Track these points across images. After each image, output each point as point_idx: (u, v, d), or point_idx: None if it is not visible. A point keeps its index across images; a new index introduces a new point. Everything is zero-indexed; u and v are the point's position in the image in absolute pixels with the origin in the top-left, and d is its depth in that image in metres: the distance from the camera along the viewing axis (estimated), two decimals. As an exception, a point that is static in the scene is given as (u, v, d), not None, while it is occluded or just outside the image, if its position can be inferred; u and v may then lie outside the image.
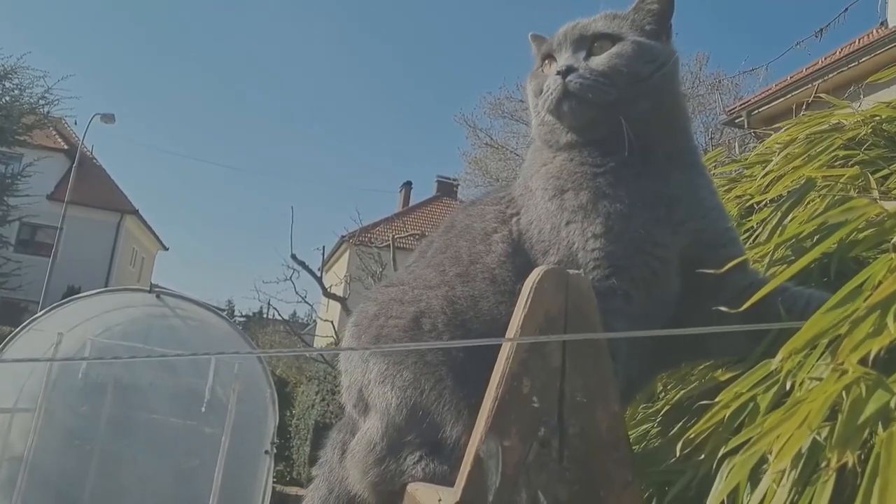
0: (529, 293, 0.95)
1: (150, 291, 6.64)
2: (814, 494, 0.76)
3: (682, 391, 1.33)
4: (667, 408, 1.31)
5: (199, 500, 5.89)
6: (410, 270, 1.34)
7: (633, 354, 1.11)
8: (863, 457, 0.76)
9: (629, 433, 1.20)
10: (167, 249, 32.02)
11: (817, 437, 0.78)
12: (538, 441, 0.91)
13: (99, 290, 7.01)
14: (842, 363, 0.81)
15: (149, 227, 29.25)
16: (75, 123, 23.30)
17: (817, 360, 0.87)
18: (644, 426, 1.33)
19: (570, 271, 0.97)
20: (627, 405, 1.29)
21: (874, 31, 8.88)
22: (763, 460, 0.84)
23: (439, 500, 0.90)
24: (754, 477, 0.86)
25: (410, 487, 1.08)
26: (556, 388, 0.93)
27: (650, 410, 1.33)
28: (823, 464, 0.77)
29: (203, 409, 6.09)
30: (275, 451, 6.63)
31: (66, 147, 25.46)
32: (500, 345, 0.98)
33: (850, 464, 0.73)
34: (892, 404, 0.75)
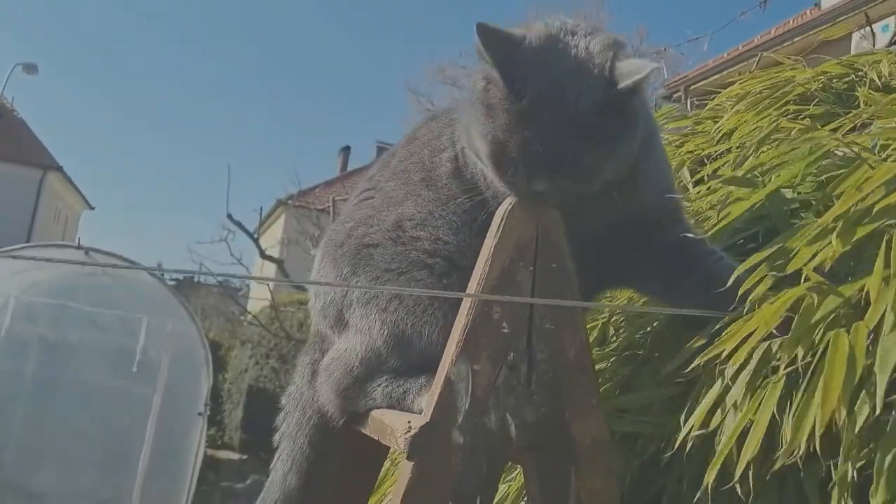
0: (501, 222, 0.95)
1: (78, 248, 6.36)
2: (767, 390, 0.83)
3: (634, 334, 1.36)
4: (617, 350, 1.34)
5: (129, 461, 5.78)
6: (374, 182, 1.31)
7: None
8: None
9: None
10: (93, 209, 30.77)
11: (773, 346, 0.83)
12: (507, 365, 0.92)
13: (23, 245, 6.71)
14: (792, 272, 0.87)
15: (74, 185, 28.03)
16: (-6, 73, 21.98)
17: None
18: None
19: (542, 200, 0.97)
20: None
21: (808, 12, 9.17)
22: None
23: (409, 422, 0.90)
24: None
25: (376, 413, 1.08)
26: (526, 315, 0.94)
27: (605, 350, 1.36)
28: (775, 363, 0.84)
29: (134, 370, 5.95)
30: (208, 413, 6.53)
31: (-17, 98, 24.08)
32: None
33: (799, 359, 0.79)
34: (841, 311, 0.82)
